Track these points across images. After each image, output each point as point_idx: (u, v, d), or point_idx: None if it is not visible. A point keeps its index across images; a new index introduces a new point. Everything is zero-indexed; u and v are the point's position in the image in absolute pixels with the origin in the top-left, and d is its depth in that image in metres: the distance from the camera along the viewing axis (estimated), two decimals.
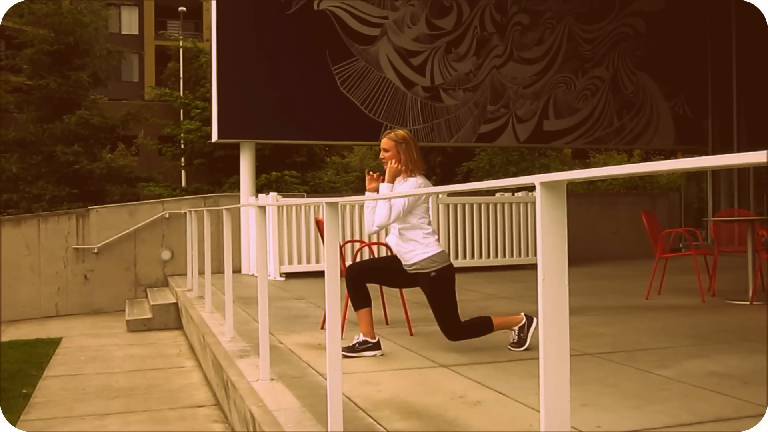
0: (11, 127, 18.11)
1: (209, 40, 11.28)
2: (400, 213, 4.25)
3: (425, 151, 25.00)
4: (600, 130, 12.10)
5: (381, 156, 4.45)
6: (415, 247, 4.28)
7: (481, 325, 4.35)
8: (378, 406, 3.25)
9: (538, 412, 1.58)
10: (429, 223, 4.37)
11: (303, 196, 12.15)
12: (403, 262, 4.36)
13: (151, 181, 18.97)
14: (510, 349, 4.36)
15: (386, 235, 4.67)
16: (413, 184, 4.32)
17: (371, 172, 4.49)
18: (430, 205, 4.50)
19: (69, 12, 17.85)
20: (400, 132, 4.47)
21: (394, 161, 4.39)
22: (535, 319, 4.37)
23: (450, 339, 4.32)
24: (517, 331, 4.39)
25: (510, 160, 21.21)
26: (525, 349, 4.31)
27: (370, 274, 4.58)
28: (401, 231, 4.32)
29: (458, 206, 9.75)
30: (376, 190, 4.44)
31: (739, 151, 8.05)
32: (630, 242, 11.69)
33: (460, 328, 4.29)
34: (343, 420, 2.80)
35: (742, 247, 6.78)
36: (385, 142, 4.43)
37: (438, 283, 4.25)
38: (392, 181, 4.38)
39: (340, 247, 4.89)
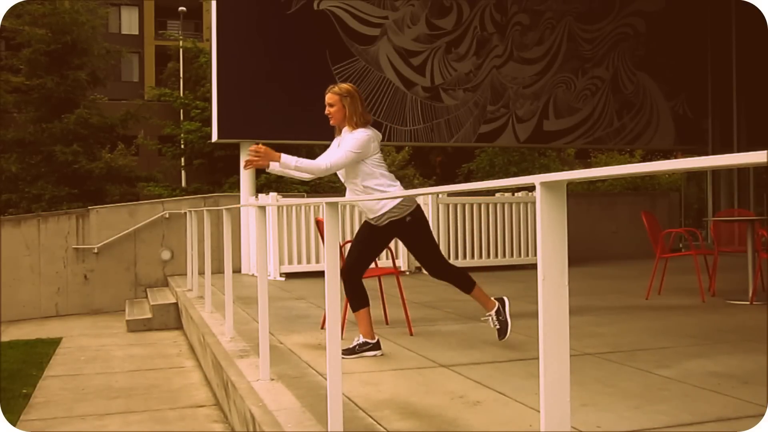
0: (10, 127, 18.12)
1: (209, 40, 11.28)
2: (341, 160, 4.19)
3: (425, 151, 25.06)
4: (600, 130, 12.10)
5: (327, 111, 4.39)
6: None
7: (464, 279, 4.41)
8: (378, 406, 3.25)
9: (538, 412, 1.58)
10: (387, 170, 4.35)
11: (303, 196, 12.15)
12: (373, 215, 4.30)
13: (151, 181, 18.99)
14: (499, 339, 4.36)
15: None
16: (361, 134, 4.27)
17: (254, 152, 4.16)
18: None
19: (66, 12, 17.86)
20: (344, 85, 4.42)
21: (331, 119, 4.37)
22: (506, 299, 4.40)
23: (435, 277, 4.40)
24: (494, 317, 4.36)
25: (510, 161, 21.23)
26: (509, 332, 4.31)
27: (359, 264, 4.45)
28: (364, 185, 4.28)
29: (458, 206, 9.75)
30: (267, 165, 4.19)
31: (739, 151, 8.05)
32: (630, 242, 11.69)
33: (445, 266, 4.38)
34: (343, 420, 2.80)
35: (742, 247, 6.78)
36: (329, 97, 4.38)
37: (415, 226, 4.29)
38: (277, 158, 4.13)
39: (340, 247, 4.88)
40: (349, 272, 4.41)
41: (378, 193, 4.25)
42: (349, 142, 4.24)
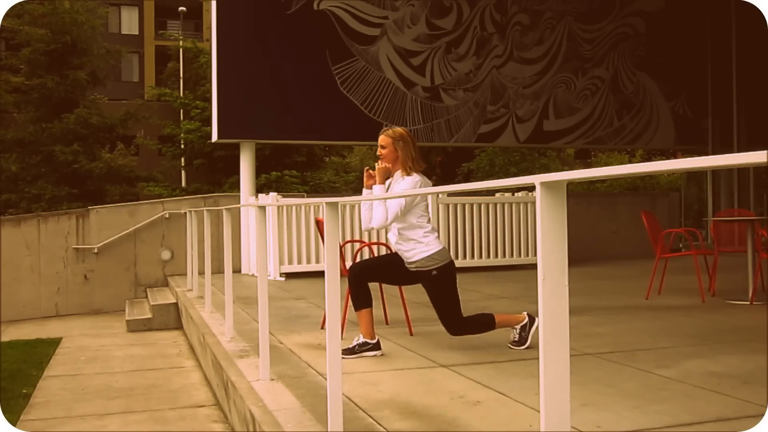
0: (10, 127, 18.13)
1: (209, 40, 11.28)
2: (398, 214, 4.24)
3: (425, 151, 25.04)
4: (600, 130, 12.11)
5: (378, 153, 4.42)
6: (415, 246, 4.27)
7: (484, 322, 4.36)
8: (378, 406, 3.25)
9: (538, 412, 1.58)
10: (428, 221, 4.37)
11: (303, 196, 12.15)
12: (405, 261, 4.36)
13: (151, 181, 18.99)
14: (510, 348, 4.37)
15: (386, 233, 4.67)
16: (411, 183, 4.29)
17: (370, 170, 4.47)
18: (429, 203, 4.46)
19: (65, 11, 17.87)
20: (398, 129, 4.44)
21: (382, 162, 4.38)
22: (537, 319, 4.39)
23: (452, 334, 4.33)
24: (518, 330, 4.40)
25: (511, 161, 21.22)
26: (525, 348, 4.32)
27: (372, 273, 4.56)
28: (400, 231, 4.31)
29: (458, 206, 9.75)
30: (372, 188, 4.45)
31: (739, 151, 8.04)
32: (630, 242, 11.69)
33: (462, 324, 4.29)
34: (343, 420, 2.80)
35: (742, 247, 6.78)
36: (382, 139, 4.41)
37: (439, 281, 4.25)
38: (383, 181, 4.38)
39: (340, 247, 4.88)
40: (360, 272, 4.41)
41: (413, 242, 4.27)
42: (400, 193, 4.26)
